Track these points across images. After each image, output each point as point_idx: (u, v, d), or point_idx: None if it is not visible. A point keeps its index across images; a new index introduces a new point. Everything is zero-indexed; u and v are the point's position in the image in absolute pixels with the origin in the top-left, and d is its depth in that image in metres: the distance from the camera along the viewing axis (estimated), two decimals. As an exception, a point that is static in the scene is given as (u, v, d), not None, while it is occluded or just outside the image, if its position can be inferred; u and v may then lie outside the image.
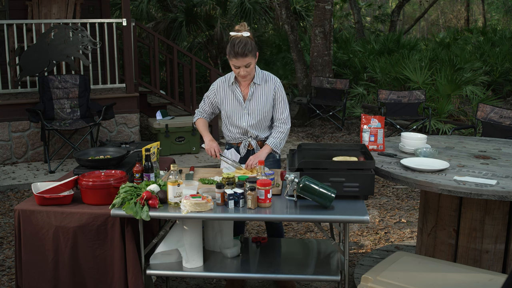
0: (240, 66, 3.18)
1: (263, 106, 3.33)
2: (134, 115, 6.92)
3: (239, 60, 3.16)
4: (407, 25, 24.51)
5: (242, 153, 3.43)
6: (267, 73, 3.38)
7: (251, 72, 3.25)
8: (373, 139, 3.36)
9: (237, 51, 3.14)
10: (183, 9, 11.93)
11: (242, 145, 3.42)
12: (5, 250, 4.15)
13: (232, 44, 3.17)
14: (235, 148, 3.45)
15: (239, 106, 3.35)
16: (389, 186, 5.75)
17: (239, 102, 3.34)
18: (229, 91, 3.38)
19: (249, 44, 3.16)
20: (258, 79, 3.33)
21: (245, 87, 3.35)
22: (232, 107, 3.36)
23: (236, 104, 3.36)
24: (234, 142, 3.45)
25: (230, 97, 3.37)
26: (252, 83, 3.32)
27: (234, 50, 3.15)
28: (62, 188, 2.92)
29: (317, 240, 3.34)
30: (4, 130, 6.33)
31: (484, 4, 23.33)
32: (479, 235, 3.02)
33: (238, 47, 3.14)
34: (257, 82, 3.32)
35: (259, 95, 3.33)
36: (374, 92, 9.60)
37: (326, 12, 9.05)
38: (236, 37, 3.19)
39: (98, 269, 2.83)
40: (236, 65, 3.19)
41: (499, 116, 5.23)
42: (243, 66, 3.18)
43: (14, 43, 6.64)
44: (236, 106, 3.36)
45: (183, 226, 2.89)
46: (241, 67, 3.19)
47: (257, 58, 3.25)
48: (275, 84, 3.35)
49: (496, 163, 3.07)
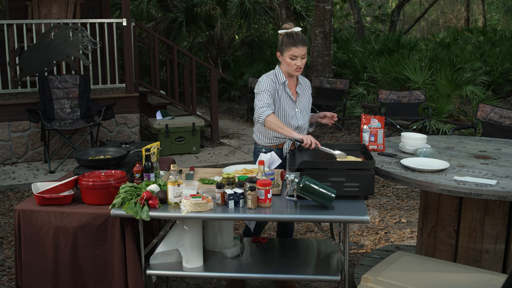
0: (298, 56, 3.20)
1: (307, 103, 3.46)
2: (134, 115, 6.92)
3: (299, 49, 3.18)
4: (407, 25, 24.52)
5: (285, 153, 3.38)
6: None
7: (303, 66, 3.28)
8: (373, 139, 3.36)
9: (298, 39, 3.18)
10: (183, 9, 11.94)
11: (286, 145, 3.37)
12: (5, 250, 4.15)
13: (290, 35, 3.20)
14: (275, 150, 3.38)
15: (293, 105, 3.37)
16: (389, 186, 5.75)
17: (292, 100, 3.36)
18: (281, 89, 3.33)
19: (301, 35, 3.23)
20: (299, 78, 3.44)
21: (292, 85, 3.39)
22: (287, 105, 3.33)
23: (288, 102, 3.35)
24: (273, 145, 3.40)
25: (283, 95, 3.34)
26: (299, 83, 3.42)
27: (295, 38, 3.18)
28: (62, 188, 2.92)
29: (317, 240, 3.34)
30: (4, 130, 6.34)
31: (484, 4, 23.34)
32: (479, 235, 3.02)
33: (297, 36, 3.19)
34: (301, 81, 3.43)
35: (303, 93, 3.44)
36: (374, 92, 9.60)
37: (326, 12, 9.05)
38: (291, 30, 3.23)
39: (98, 269, 2.83)
40: (295, 55, 3.20)
41: (499, 116, 5.23)
42: (300, 56, 3.20)
43: (14, 43, 6.64)
44: (290, 105, 3.35)
45: (183, 226, 2.89)
46: (299, 57, 3.20)
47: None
48: (307, 81, 3.52)
49: (496, 163, 3.07)
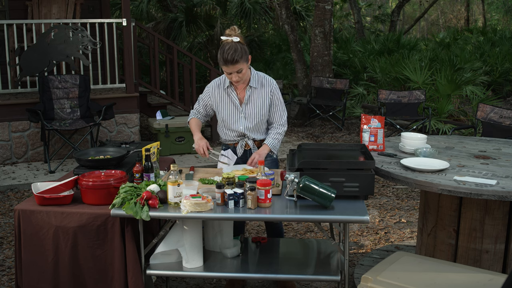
0: (232, 72, 3.15)
1: (259, 109, 3.31)
2: (134, 115, 6.92)
3: (229, 67, 3.12)
4: (407, 25, 24.51)
5: (239, 153, 3.41)
6: (263, 75, 3.36)
7: (244, 77, 3.20)
8: (373, 139, 3.36)
9: (227, 58, 3.08)
10: (183, 9, 11.94)
11: (239, 145, 3.40)
12: (5, 250, 4.15)
13: (222, 51, 3.11)
14: (232, 148, 3.44)
15: (235, 110, 3.32)
16: (389, 186, 5.75)
17: (235, 105, 3.31)
18: (224, 95, 3.34)
19: (239, 50, 3.10)
20: (254, 82, 3.30)
21: (241, 90, 3.32)
22: (228, 111, 3.33)
23: (232, 108, 3.32)
24: (230, 143, 3.44)
25: (225, 101, 3.33)
26: (248, 87, 3.30)
27: (224, 57, 3.10)
28: (62, 188, 2.92)
29: (317, 240, 3.34)
30: (4, 130, 6.33)
31: (484, 4, 23.33)
32: (479, 235, 3.02)
33: (227, 54, 3.08)
34: (253, 85, 3.29)
35: (256, 98, 3.30)
36: (374, 92, 9.60)
37: (326, 12, 9.05)
38: (226, 43, 3.13)
39: (98, 269, 2.83)
40: (227, 72, 3.16)
41: (499, 116, 5.23)
42: (234, 72, 3.14)
43: (14, 43, 6.64)
44: (232, 110, 3.32)
45: (183, 226, 2.89)
46: (233, 73, 3.15)
47: (249, 62, 3.21)
48: (271, 87, 3.32)
49: (496, 163, 3.07)
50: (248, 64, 3.19)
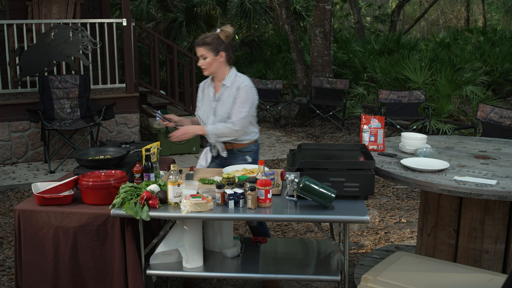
0: (199, 55, 3.31)
1: (226, 108, 3.35)
2: (134, 115, 6.92)
3: (197, 49, 3.30)
4: (407, 25, 24.52)
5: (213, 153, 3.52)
6: (241, 77, 3.37)
7: (209, 68, 3.32)
8: (373, 139, 3.36)
9: (199, 40, 3.30)
10: (183, 9, 11.94)
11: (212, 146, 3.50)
12: (5, 250, 4.15)
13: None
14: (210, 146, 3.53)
15: (209, 106, 3.44)
16: (389, 186, 5.75)
17: (210, 102, 3.44)
18: (206, 90, 3.50)
19: (211, 37, 3.28)
20: (228, 81, 3.36)
21: (217, 88, 3.43)
22: (204, 107, 3.48)
23: (207, 104, 3.46)
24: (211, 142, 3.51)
25: (206, 97, 3.49)
26: (222, 84, 3.38)
27: (198, 38, 3.33)
28: (62, 188, 2.91)
29: (317, 240, 3.34)
30: (4, 130, 6.33)
31: (484, 4, 23.33)
32: (479, 235, 3.02)
33: (204, 37, 3.30)
34: (227, 84, 3.36)
35: (226, 96, 3.37)
36: (374, 92, 9.60)
37: (326, 12, 9.05)
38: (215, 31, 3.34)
39: (98, 269, 2.83)
40: (197, 54, 3.33)
41: (499, 116, 5.23)
42: (200, 56, 3.30)
43: (14, 43, 6.64)
44: (207, 106, 3.46)
45: (183, 226, 2.89)
46: (200, 58, 3.31)
47: (221, 58, 3.29)
48: (240, 86, 3.32)
49: (496, 163, 3.07)
50: (216, 56, 3.30)
